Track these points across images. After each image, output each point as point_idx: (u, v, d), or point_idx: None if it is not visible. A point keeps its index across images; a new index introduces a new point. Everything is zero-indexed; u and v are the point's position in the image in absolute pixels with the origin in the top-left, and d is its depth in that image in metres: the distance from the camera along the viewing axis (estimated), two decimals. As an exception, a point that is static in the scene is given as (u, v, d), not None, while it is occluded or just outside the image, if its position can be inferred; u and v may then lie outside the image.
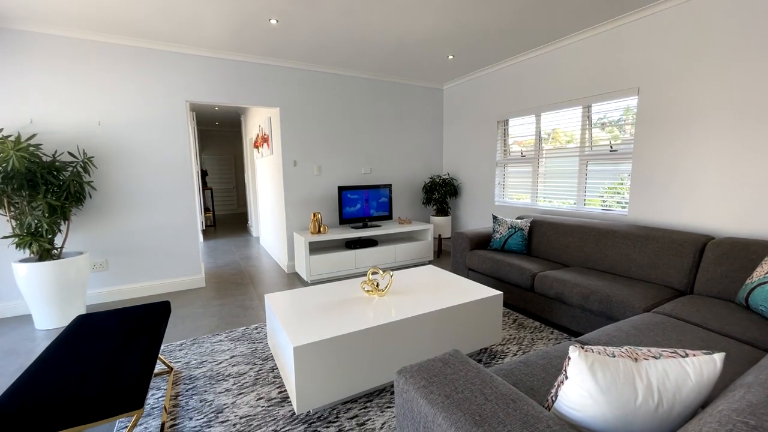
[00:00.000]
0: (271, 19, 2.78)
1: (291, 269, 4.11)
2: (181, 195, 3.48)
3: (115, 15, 2.66)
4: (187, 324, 2.75)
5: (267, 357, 2.22)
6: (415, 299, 2.09)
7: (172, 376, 2.01)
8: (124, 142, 3.21)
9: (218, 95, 3.53)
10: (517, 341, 2.38)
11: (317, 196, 4.16)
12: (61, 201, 2.68)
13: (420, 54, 3.61)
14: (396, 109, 4.55)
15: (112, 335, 1.57)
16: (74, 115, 3.01)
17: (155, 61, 3.24)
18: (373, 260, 3.99)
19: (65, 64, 2.94)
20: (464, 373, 1.04)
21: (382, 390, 1.88)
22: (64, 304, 2.73)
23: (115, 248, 3.26)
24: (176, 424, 1.65)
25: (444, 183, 4.59)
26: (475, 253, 3.22)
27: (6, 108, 2.80)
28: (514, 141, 3.98)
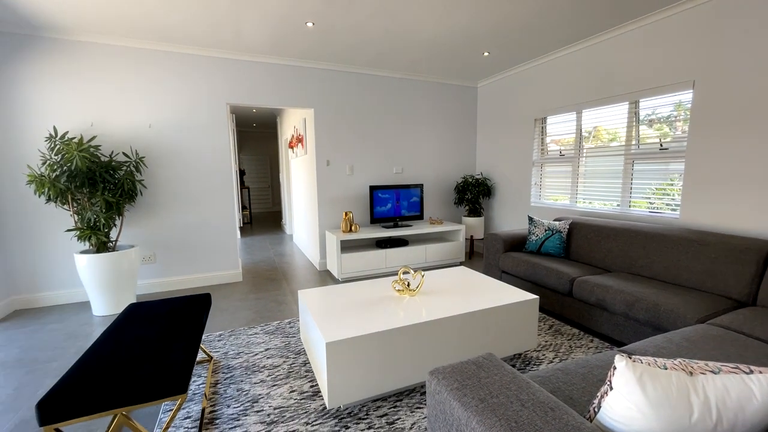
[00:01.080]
0: (307, 22, 2.85)
1: (323, 267, 4.19)
2: (221, 193, 3.66)
3: (166, 24, 2.84)
4: (225, 316, 2.88)
5: (299, 351, 2.28)
6: (446, 300, 2.06)
7: (211, 364, 2.12)
8: (171, 143, 3.42)
9: (256, 97, 3.67)
10: (553, 348, 2.28)
11: (349, 196, 4.21)
12: (116, 198, 2.90)
13: (454, 51, 3.56)
14: (428, 108, 4.51)
15: (160, 323, 1.67)
16: (128, 118, 3.25)
17: (199, 66, 3.42)
18: (403, 260, 3.98)
19: (120, 70, 3.18)
20: (499, 377, 1.01)
21: (411, 390, 1.87)
22: (118, 292, 2.95)
23: (162, 242, 3.48)
24: (215, 410, 1.73)
25: (477, 183, 4.49)
26: (509, 255, 3.12)
27: (71, 112, 3.07)
28: (551, 139, 3.82)
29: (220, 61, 3.49)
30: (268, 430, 1.59)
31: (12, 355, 2.29)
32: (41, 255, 3.11)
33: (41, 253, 3.10)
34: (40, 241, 3.09)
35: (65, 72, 3.02)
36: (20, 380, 2.02)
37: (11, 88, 2.90)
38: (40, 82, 2.97)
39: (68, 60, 3.02)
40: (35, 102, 2.97)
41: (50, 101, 3.01)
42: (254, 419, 1.66)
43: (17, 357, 2.27)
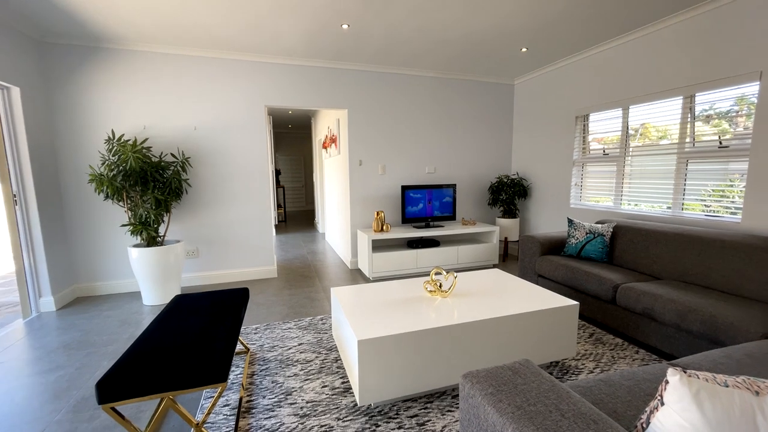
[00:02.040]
0: (343, 24, 2.90)
1: (354, 265, 4.24)
2: (258, 192, 3.81)
3: (211, 32, 3.00)
4: (261, 310, 3.00)
5: (331, 347, 2.32)
6: (479, 303, 2.02)
7: (248, 356, 2.21)
8: (214, 144, 3.60)
9: (292, 99, 3.78)
10: (594, 357, 2.17)
11: (381, 195, 4.23)
12: (164, 195, 3.10)
13: (491, 48, 3.47)
14: (462, 107, 4.43)
15: (203, 314, 1.77)
16: (176, 121, 3.47)
17: (240, 70, 3.58)
18: (434, 261, 3.94)
19: (170, 76, 3.39)
20: (536, 384, 0.97)
21: (442, 393, 1.84)
22: (165, 284, 3.15)
23: (204, 238, 3.68)
24: (252, 400, 1.81)
25: (512, 183, 4.36)
26: (546, 258, 3.00)
27: (127, 116, 3.32)
28: (594, 138, 3.62)
29: (259, 65, 3.63)
30: (301, 422, 1.64)
31: (75, 338, 2.52)
32: (99, 248, 3.39)
33: (99, 245, 3.39)
34: (99, 235, 3.37)
35: (123, 79, 3.27)
36: (81, 361, 2.21)
37: (78, 96, 3.18)
38: (102, 89, 3.24)
39: (125, 68, 3.27)
40: (97, 107, 3.24)
41: (109, 106, 3.27)
42: (288, 411, 1.71)
43: (79, 340, 2.49)
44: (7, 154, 2.78)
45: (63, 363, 2.19)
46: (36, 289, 2.98)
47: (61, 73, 3.12)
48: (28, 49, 2.92)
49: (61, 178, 3.22)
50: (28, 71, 2.90)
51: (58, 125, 3.17)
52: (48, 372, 2.10)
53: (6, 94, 2.76)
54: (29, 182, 2.87)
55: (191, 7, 2.58)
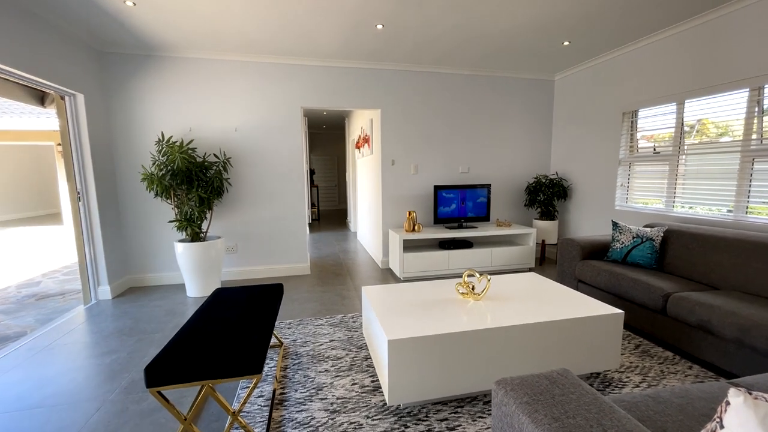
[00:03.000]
0: (377, 25, 2.91)
1: (385, 265, 4.25)
2: (293, 191, 3.92)
3: (249, 37, 3.13)
4: (294, 306, 3.08)
5: (362, 346, 2.34)
6: (514, 307, 1.95)
7: (282, 350, 2.28)
8: (253, 145, 3.75)
9: (327, 100, 3.86)
10: (640, 371, 2.02)
11: (413, 195, 4.21)
12: (207, 194, 3.27)
13: (530, 42, 3.34)
14: (498, 105, 4.30)
15: (241, 307, 1.85)
16: (219, 123, 3.65)
17: (278, 73, 3.70)
18: (467, 262, 3.86)
19: (213, 80, 3.58)
20: (576, 396, 0.92)
21: (474, 398, 1.80)
22: (206, 278, 3.33)
23: (242, 235, 3.85)
24: (284, 392, 1.86)
25: (551, 184, 4.17)
26: (587, 263, 2.84)
27: (175, 119, 3.55)
28: (643, 135, 3.38)
29: (295, 68, 3.73)
30: (331, 418, 1.66)
31: (127, 325, 2.72)
32: (149, 242, 3.64)
33: (149, 240, 3.64)
34: (149, 230, 3.63)
35: (171, 84, 3.50)
36: (132, 347, 2.39)
37: (132, 101, 3.44)
38: (154, 94, 3.48)
39: (174, 74, 3.49)
40: (149, 111, 3.49)
41: (160, 110, 3.51)
42: (319, 406, 1.75)
43: (130, 327, 2.69)
44: (72, 155, 3.06)
45: (117, 347, 2.38)
46: (95, 279, 3.26)
47: (118, 80, 3.39)
48: (91, 59, 3.20)
49: (117, 177, 3.50)
50: (91, 79, 3.18)
51: (115, 128, 3.44)
52: (104, 355, 2.28)
53: (73, 100, 3.03)
54: (91, 181, 3.14)
55: (232, 14, 2.70)
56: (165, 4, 2.54)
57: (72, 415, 1.71)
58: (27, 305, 3.34)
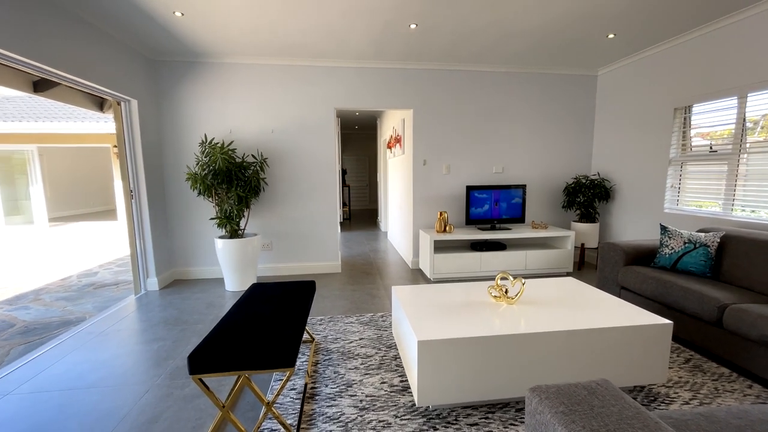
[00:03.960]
0: (410, 25, 2.90)
1: (415, 265, 4.23)
2: (326, 191, 4.00)
3: (287, 42, 3.23)
4: (326, 303, 3.15)
5: (391, 345, 2.35)
6: (550, 313, 1.87)
7: (313, 345, 2.34)
8: (288, 146, 3.88)
9: (360, 101, 3.90)
10: (690, 387, 1.87)
11: (444, 195, 4.16)
12: (245, 193, 3.42)
13: (572, 36, 3.19)
14: (535, 103, 4.15)
15: (275, 303, 1.92)
16: (256, 124, 3.80)
17: (312, 75, 3.80)
18: (500, 265, 3.76)
19: (251, 84, 3.73)
20: (617, 409, 0.87)
21: (505, 404, 1.75)
22: (243, 273, 3.48)
23: (277, 233, 3.99)
24: (315, 387, 1.91)
25: (592, 184, 3.96)
26: (631, 269, 2.67)
27: (216, 121, 3.74)
28: (698, 132, 3.13)
29: (329, 70, 3.81)
30: (360, 415, 1.68)
31: (172, 315, 2.91)
32: (192, 237, 3.87)
33: (192, 236, 3.86)
34: (192, 227, 3.85)
35: (215, 88, 3.69)
36: (177, 336, 2.55)
37: (179, 105, 3.67)
38: (198, 98, 3.69)
39: (217, 78, 3.68)
40: (194, 114, 3.71)
41: (203, 113, 3.71)
42: (348, 402, 1.77)
43: (175, 317, 2.87)
44: (126, 156, 3.31)
45: (163, 336, 2.55)
46: (144, 271, 3.51)
47: (166, 86, 3.63)
48: (144, 67, 3.44)
49: (164, 176, 3.75)
50: (143, 86, 3.42)
51: (164, 131, 3.69)
52: (151, 342, 2.45)
53: (128, 106, 3.29)
54: (142, 180, 3.39)
55: (270, 20, 2.80)
56: (210, 14, 2.69)
57: (123, 396, 1.86)
58: (86, 293, 3.66)
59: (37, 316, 3.06)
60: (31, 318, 3.01)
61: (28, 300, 3.48)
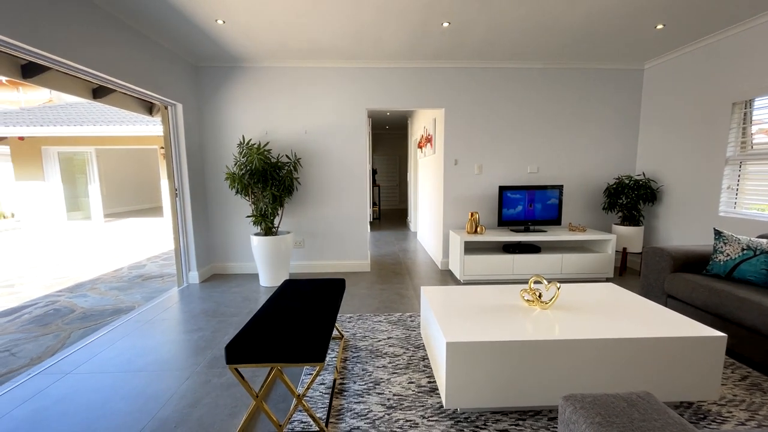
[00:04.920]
0: (443, 23, 2.88)
1: (444, 266, 4.19)
2: (356, 190, 4.05)
3: (321, 45, 3.31)
4: (355, 301, 3.19)
5: (419, 345, 2.34)
6: (587, 320, 1.79)
7: (342, 342, 2.38)
8: (320, 146, 3.97)
9: (391, 101, 3.92)
10: (747, 406, 1.72)
11: (476, 196, 4.08)
12: (279, 192, 3.54)
13: (616, 28, 3.03)
14: (574, 99, 3.97)
15: (307, 299, 1.97)
16: (290, 126, 3.92)
17: (344, 77, 3.86)
18: (533, 268, 3.63)
19: (286, 86, 3.86)
20: (660, 424, 0.82)
21: (537, 412, 1.69)
22: (277, 269, 3.61)
23: (309, 231, 4.09)
24: (344, 383, 1.94)
25: (636, 185, 3.73)
26: (679, 276, 2.49)
27: (253, 123, 3.90)
28: (760, 129, 2.85)
29: (360, 71, 3.85)
30: (388, 413, 1.69)
31: (211, 308, 3.07)
32: (230, 234, 4.06)
33: (230, 232, 4.05)
34: (230, 224, 4.04)
35: (252, 92, 3.85)
36: (215, 327, 2.69)
37: (219, 108, 3.87)
38: (237, 101, 3.86)
39: (254, 82, 3.84)
40: (233, 117, 3.89)
41: (241, 115, 3.88)
42: (376, 400, 1.79)
43: (214, 309, 3.03)
44: (172, 157, 3.53)
45: (202, 326, 2.70)
46: (187, 265, 3.73)
47: (208, 90, 3.83)
48: (188, 73, 3.66)
49: (205, 175, 3.96)
50: (188, 91, 3.64)
51: (205, 133, 3.90)
52: (192, 332, 2.60)
53: (174, 109, 3.50)
54: (186, 179, 3.60)
55: (305, 24, 2.88)
56: (249, 21, 2.81)
57: (167, 380, 1.99)
58: (135, 284, 3.95)
59: (94, 303, 3.34)
60: (88, 305, 3.29)
61: (86, 289, 3.80)
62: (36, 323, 2.89)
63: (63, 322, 2.92)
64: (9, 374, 2.13)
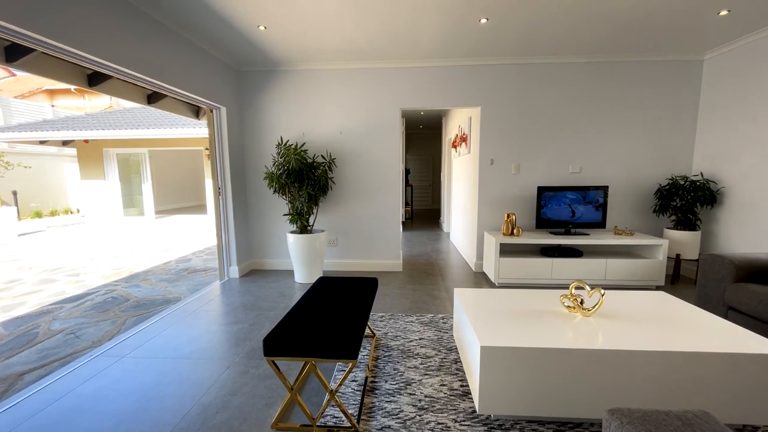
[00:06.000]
0: (481, 19, 2.81)
1: (478, 268, 4.09)
2: (390, 190, 4.07)
3: (358, 46, 3.35)
4: (387, 301, 3.20)
5: (451, 348, 2.30)
6: (634, 329, 1.67)
7: (374, 341, 2.40)
8: (354, 146, 4.02)
9: (426, 101, 3.89)
10: (826, 436, 1.52)
11: (512, 196, 3.95)
12: (315, 191, 3.63)
13: (672, 16, 2.81)
14: (621, 95, 3.73)
15: (340, 296, 2.00)
16: (326, 126, 4.01)
17: (379, 77, 3.88)
18: (574, 273, 3.46)
19: (322, 88, 3.94)
20: (722, 448, 0.74)
21: (578, 424, 1.61)
22: (311, 266, 3.70)
23: (342, 230, 4.16)
24: (375, 381, 1.95)
25: (693, 186, 3.44)
26: (743, 287, 2.26)
27: (291, 125, 4.03)
28: None
29: (395, 71, 3.86)
30: (419, 414, 1.68)
31: (249, 301, 3.21)
32: (268, 232, 4.22)
33: (268, 230, 4.22)
34: (268, 222, 4.20)
35: (289, 93, 3.98)
36: (253, 320, 2.81)
37: (259, 110, 4.03)
38: (275, 103, 4.01)
39: (292, 85, 3.96)
40: (272, 118, 4.04)
41: (280, 117, 4.03)
42: (407, 400, 1.78)
43: (252, 303, 3.17)
44: (216, 157, 3.73)
45: (241, 319, 2.83)
46: (228, 260, 3.93)
47: (249, 93, 4.01)
48: (231, 77, 3.85)
49: (246, 175, 4.14)
50: (230, 94, 3.83)
51: (246, 134, 4.08)
52: (232, 324, 2.74)
53: (218, 113, 3.70)
54: (228, 179, 3.79)
55: (343, 26, 2.93)
56: (289, 26, 2.90)
57: (210, 368, 2.10)
58: (182, 277, 4.21)
59: (146, 293, 3.61)
60: (141, 295, 3.56)
61: (139, 279, 4.11)
62: (96, 309, 3.17)
63: (119, 309, 3.18)
64: (74, 354, 2.36)
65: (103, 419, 1.68)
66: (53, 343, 2.54)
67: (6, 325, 2.87)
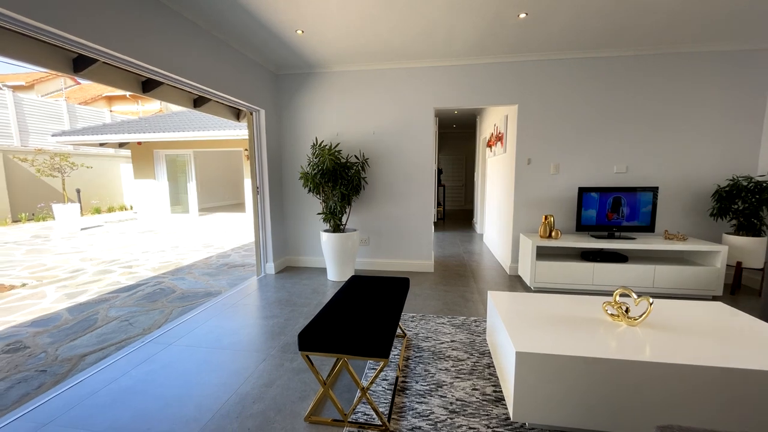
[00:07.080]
0: (520, 14, 2.72)
1: (513, 271, 3.97)
2: (422, 190, 4.04)
3: (392, 46, 3.36)
4: (418, 301, 3.19)
5: (484, 352, 2.25)
6: (687, 342, 1.55)
7: (405, 341, 2.40)
8: (387, 146, 4.03)
9: (460, 99, 3.82)
10: None
11: (551, 198, 3.79)
12: (348, 191, 3.69)
13: (737, 3, 2.57)
14: (672, 88, 3.46)
15: (372, 295, 2.02)
16: (359, 126, 4.06)
17: (412, 77, 3.87)
18: (618, 279, 3.26)
19: (355, 89, 3.99)
20: (793, 478, 0.67)
21: (621, 440, 1.51)
22: (343, 265, 3.76)
23: (374, 229, 4.19)
24: (406, 381, 1.95)
25: (758, 188, 3.12)
26: (818, 300, 2.02)
27: (326, 125, 4.12)
28: None
29: (429, 69, 3.83)
30: (450, 417, 1.66)
31: (284, 297, 3.32)
32: (302, 230, 4.34)
33: (302, 228, 4.34)
34: (303, 220, 4.32)
35: (324, 95, 4.07)
36: (288, 315, 2.90)
37: (295, 112, 4.16)
38: (311, 105, 4.11)
39: (327, 86, 4.05)
40: (307, 120, 4.15)
41: (315, 118, 4.13)
42: (438, 402, 1.77)
43: (286, 298, 3.27)
44: (255, 158, 3.89)
45: (277, 313, 2.93)
46: (264, 256, 4.08)
47: (286, 96, 4.14)
48: (269, 80, 3.99)
49: (282, 175, 4.29)
50: (269, 97, 3.97)
51: (282, 135, 4.22)
52: (268, 318, 2.84)
53: (258, 115, 3.86)
54: (266, 178, 3.94)
55: (378, 27, 2.95)
56: (326, 30, 2.97)
57: (247, 360, 2.20)
58: (222, 271, 4.43)
59: (190, 286, 3.84)
60: (185, 287, 3.79)
61: (184, 273, 4.38)
62: (147, 299, 3.42)
63: (167, 300, 3.40)
64: (128, 340, 2.56)
65: (153, 401, 1.81)
66: (110, 328, 2.77)
67: (71, 310, 3.17)
